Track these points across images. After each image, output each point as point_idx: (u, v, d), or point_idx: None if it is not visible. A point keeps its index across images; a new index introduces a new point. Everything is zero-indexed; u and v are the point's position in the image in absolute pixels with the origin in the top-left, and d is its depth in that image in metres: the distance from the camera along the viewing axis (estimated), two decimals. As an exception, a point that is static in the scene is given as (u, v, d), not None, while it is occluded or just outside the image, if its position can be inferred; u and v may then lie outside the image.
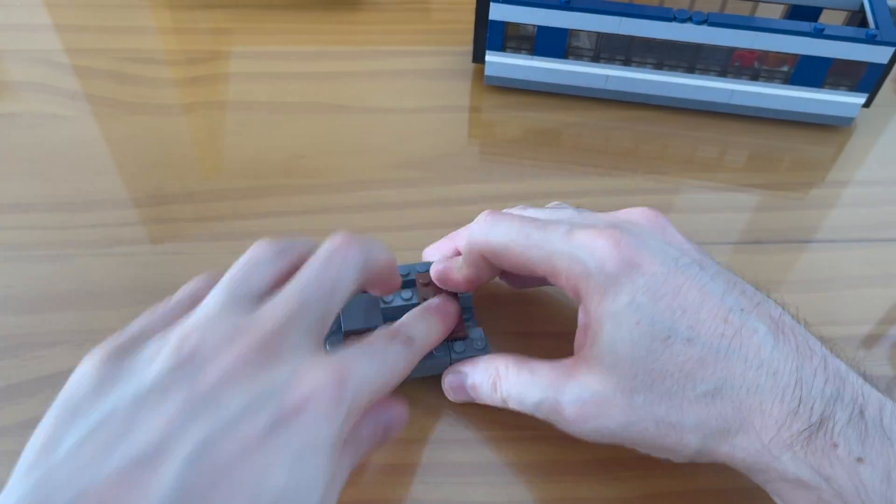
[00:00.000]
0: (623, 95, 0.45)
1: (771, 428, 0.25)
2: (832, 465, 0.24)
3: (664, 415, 0.26)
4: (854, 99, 0.43)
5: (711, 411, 0.26)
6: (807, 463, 0.24)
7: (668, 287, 0.26)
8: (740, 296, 0.27)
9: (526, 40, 0.43)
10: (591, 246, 0.27)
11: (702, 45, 0.42)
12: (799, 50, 0.41)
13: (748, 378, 0.25)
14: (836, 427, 0.24)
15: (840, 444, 0.24)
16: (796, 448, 0.24)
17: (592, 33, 0.42)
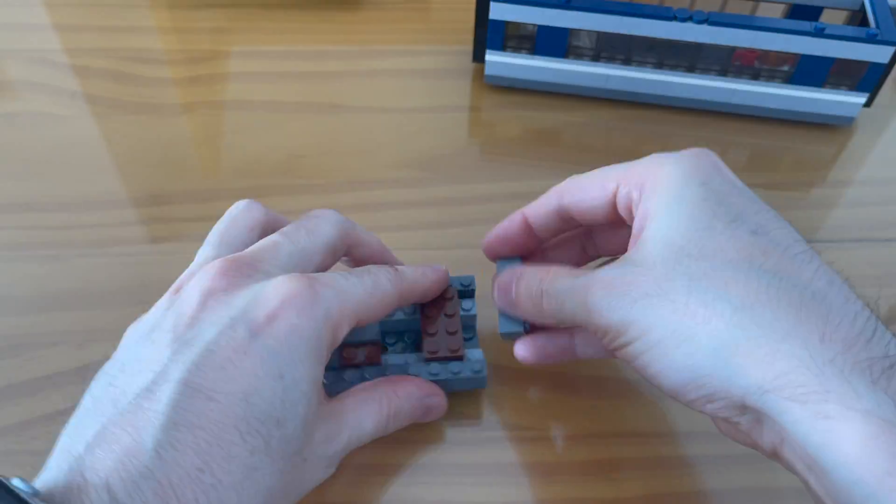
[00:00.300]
0: (623, 95, 0.45)
1: (838, 342, 0.21)
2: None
3: (700, 290, 0.23)
4: (855, 98, 0.43)
5: (762, 299, 0.22)
6: (892, 399, 0.20)
7: (746, 193, 0.26)
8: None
9: (526, 40, 0.43)
10: (677, 153, 0.27)
11: (702, 45, 0.42)
12: (799, 49, 0.41)
13: (815, 285, 0.22)
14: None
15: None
16: (876, 375, 0.20)
17: (593, 33, 0.42)
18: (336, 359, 0.31)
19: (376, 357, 0.31)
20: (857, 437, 0.20)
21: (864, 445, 0.19)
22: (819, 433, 0.20)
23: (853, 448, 0.20)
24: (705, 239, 0.24)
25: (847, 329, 0.21)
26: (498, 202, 0.41)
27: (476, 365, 0.31)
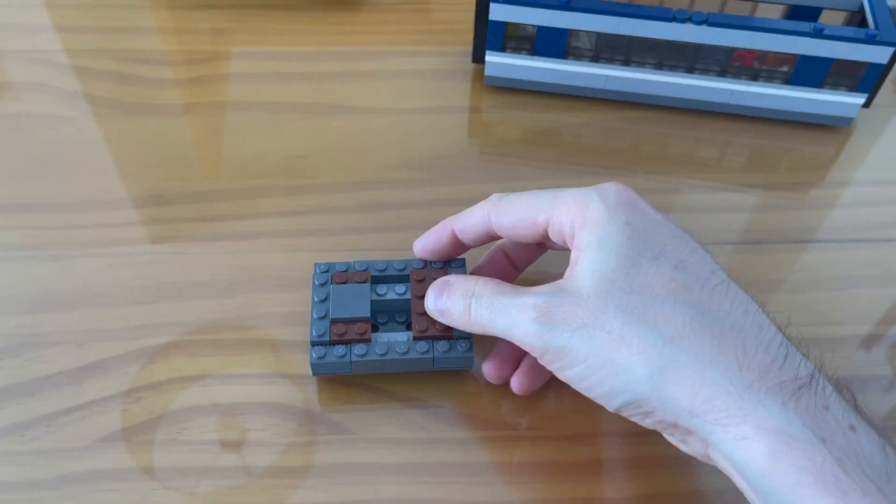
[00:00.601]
0: (623, 95, 0.45)
1: (754, 370, 0.24)
2: (828, 426, 0.22)
3: (634, 320, 0.25)
4: (853, 99, 0.43)
5: (688, 332, 0.25)
6: (799, 418, 0.23)
7: (664, 227, 0.28)
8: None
9: (526, 40, 0.43)
10: (599, 187, 0.29)
11: (701, 46, 0.42)
12: (798, 50, 0.41)
13: (732, 318, 0.25)
14: (827, 391, 0.24)
15: (832, 407, 0.23)
16: (786, 397, 0.23)
17: (592, 33, 0.42)
18: (327, 334, 0.32)
19: (366, 334, 0.32)
20: (769, 453, 0.23)
21: (776, 460, 0.22)
22: (739, 451, 0.23)
23: (766, 462, 0.23)
24: (633, 275, 0.26)
25: (762, 357, 0.24)
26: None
27: (463, 344, 0.32)
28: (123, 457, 0.31)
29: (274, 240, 0.38)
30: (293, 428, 0.32)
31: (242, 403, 0.33)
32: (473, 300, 0.29)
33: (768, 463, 0.22)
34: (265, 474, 0.31)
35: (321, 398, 0.33)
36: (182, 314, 0.35)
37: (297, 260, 0.37)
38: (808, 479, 0.22)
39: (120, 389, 0.33)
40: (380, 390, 0.33)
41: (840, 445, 0.22)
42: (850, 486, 0.21)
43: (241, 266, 0.37)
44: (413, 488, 0.31)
